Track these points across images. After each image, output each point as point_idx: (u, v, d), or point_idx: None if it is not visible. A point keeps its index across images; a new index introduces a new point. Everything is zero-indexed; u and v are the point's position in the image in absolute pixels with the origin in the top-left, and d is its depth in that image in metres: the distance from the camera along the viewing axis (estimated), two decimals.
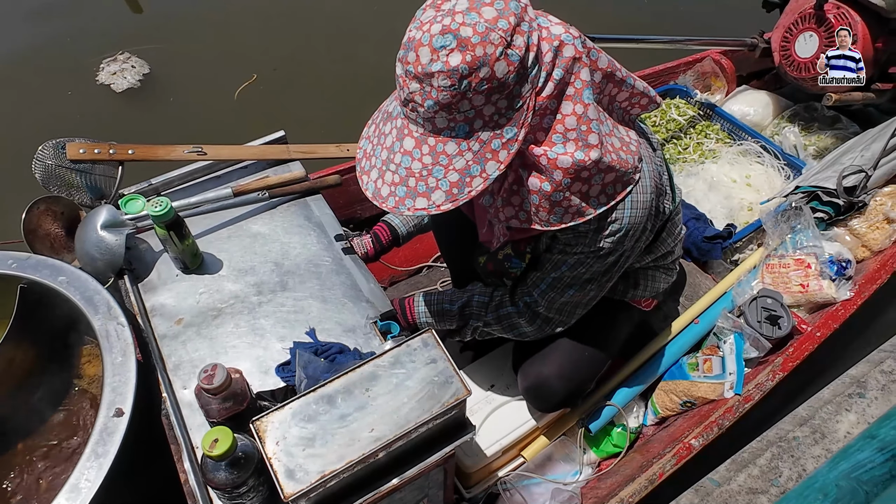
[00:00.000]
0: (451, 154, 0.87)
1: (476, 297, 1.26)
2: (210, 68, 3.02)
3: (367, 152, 0.96)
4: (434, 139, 0.87)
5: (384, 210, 0.97)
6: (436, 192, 0.89)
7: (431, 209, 0.89)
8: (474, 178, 0.89)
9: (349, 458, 0.86)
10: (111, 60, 3.00)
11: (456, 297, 1.27)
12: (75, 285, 1.13)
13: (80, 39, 3.14)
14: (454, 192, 0.89)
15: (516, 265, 1.20)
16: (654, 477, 1.34)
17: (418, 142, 0.88)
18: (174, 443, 1.02)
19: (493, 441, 1.42)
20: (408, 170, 0.89)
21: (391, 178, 0.90)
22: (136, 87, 2.91)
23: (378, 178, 0.92)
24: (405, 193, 0.90)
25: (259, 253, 1.31)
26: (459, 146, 0.87)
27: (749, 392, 1.47)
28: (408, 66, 0.83)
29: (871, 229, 1.83)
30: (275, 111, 2.82)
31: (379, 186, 0.92)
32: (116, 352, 1.05)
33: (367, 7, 3.37)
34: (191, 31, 3.22)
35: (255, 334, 1.17)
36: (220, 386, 0.90)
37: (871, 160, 1.84)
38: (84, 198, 1.31)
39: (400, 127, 0.90)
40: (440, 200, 0.89)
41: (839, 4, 1.87)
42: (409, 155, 0.89)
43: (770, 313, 1.57)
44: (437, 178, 0.88)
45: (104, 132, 2.64)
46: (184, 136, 2.58)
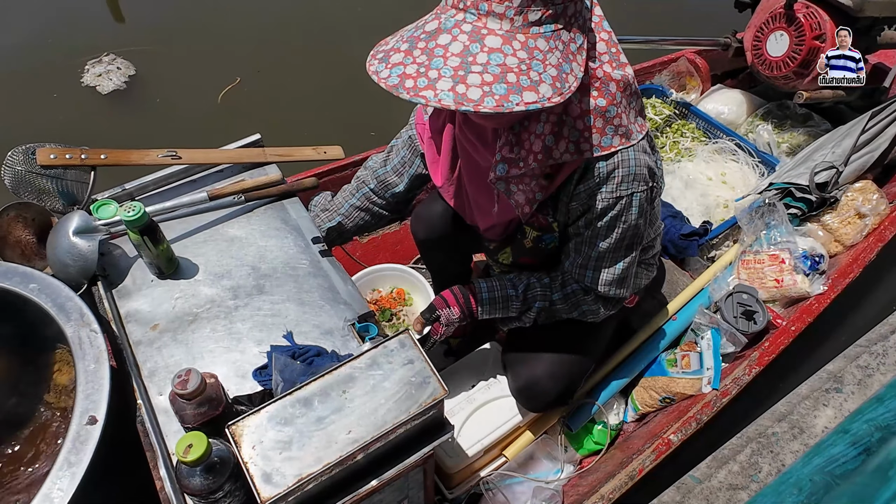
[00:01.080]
0: (544, 50, 0.85)
1: (535, 279, 1.24)
2: (196, 70, 3.02)
3: (410, 74, 0.84)
4: (523, 35, 0.84)
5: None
6: (542, 86, 0.84)
7: (543, 102, 0.84)
8: (568, 75, 0.87)
9: (326, 460, 0.86)
10: (96, 62, 2.97)
11: (517, 281, 1.24)
12: (47, 292, 1.11)
13: (64, 41, 3.12)
14: (558, 85, 0.86)
15: (550, 239, 1.20)
16: (633, 473, 1.35)
17: (506, 38, 0.84)
18: (149, 449, 1.01)
19: (475, 441, 1.42)
20: (502, 66, 0.83)
21: (477, 79, 0.82)
22: (123, 88, 2.89)
23: (454, 84, 0.82)
24: (506, 90, 0.82)
25: (235, 257, 1.30)
26: (548, 43, 0.85)
27: (726, 387, 1.49)
28: None
29: (843, 224, 1.87)
30: (259, 113, 2.82)
31: (462, 91, 0.82)
32: (90, 359, 1.03)
33: (350, 10, 3.37)
34: (176, 31, 3.21)
35: (231, 338, 1.16)
36: (194, 391, 0.89)
37: (842, 157, 1.88)
38: (56, 204, 1.29)
39: (471, 31, 0.84)
40: (549, 93, 0.84)
41: (808, 4, 1.91)
42: (499, 52, 0.83)
43: (745, 308, 1.59)
44: (538, 71, 0.84)
45: (90, 133, 2.67)
46: (170, 138, 2.61)
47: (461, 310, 1.26)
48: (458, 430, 1.42)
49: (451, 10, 0.87)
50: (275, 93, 2.93)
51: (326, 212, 1.46)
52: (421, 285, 1.40)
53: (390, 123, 1.48)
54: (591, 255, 1.14)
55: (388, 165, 1.42)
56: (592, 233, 1.10)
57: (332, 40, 3.19)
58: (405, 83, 0.84)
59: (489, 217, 1.23)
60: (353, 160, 1.86)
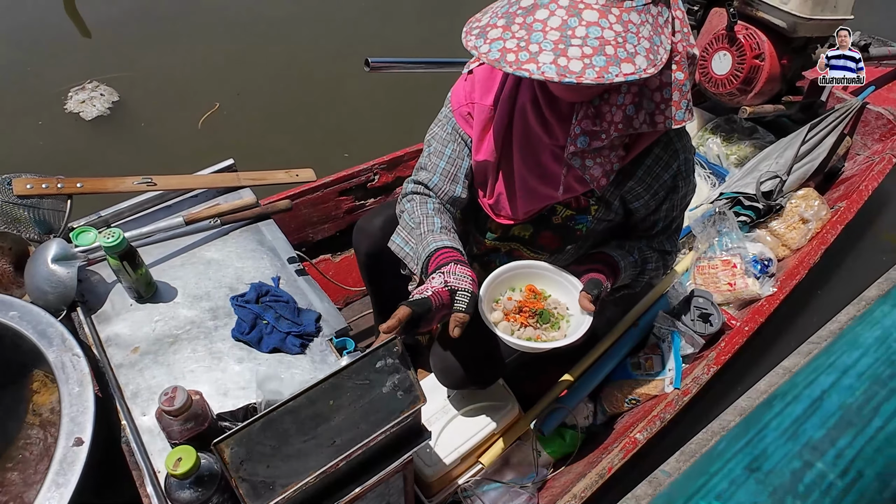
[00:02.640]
0: (637, 23, 0.88)
1: (641, 243, 1.28)
2: (178, 94, 3.07)
3: (511, 48, 0.87)
4: (618, 9, 0.87)
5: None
6: (637, 58, 0.87)
7: (640, 73, 0.87)
8: (658, 47, 0.90)
9: (312, 470, 0.89)
10: (79, 89, 3.00)
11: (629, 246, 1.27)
12: (27, 319, 1.13)
13: (44, 69, 3.15)
14: (651, 57, 0.88)
15: (582, 221, 1.23)
16: (603, 471, 1.42)
17: (602, 12, 0.86)
18: (136, 468, 1.04)
19: (452, 449, 1.47)
20: (600, 39, 0.86)
21: (577, 52, 0.85)
22: (106, 114, 2.92)
23: (556, 57, 0.85)
24: (605, 62, 0.85)
25: (213, 279, 1.34)
26: (640, 16, 0.88)
27: (687, 385, 1.58)
28: None
29: (788, 229, 1.99)
30: (238, 136, 2.89)
31: (564, 64, 0.84)
32: (73, 382, 1.05)
33: (329, 35, 3.48)
34: (159, 57, 3.26)
35: (212, 358, 1.20)
36: (180, 408, 0.92)
37: (785, 166, 2.01)
38: (32, 233, 1.31)
39: (568, 5, 0.86)
40: (644, 65, 0.87)
41: (747, 26, 2.05)
42: (597, 25, 0.86)
43: (702, 312, 1.69)
44: (633, 44, 0.87)
45: (73, 159, 2.70)
46: (153, 162, 2.68)
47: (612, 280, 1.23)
48: (435, 439, 1.46)
49: None
50: (253, 116, 3.01)
51: (421, 223, 1.23)
52: (544, 274, 1.24)
53: (366, 144, 1.46)
54: (672, 224, 1.26)
55: (436, 175, 1.27)
56: (669, 205, 1.20)
57: (310, 63, 3.29)
58: (507, 57, 0.86)
59: (536, 198, 1.22)
60: (323, 181, 1.91)
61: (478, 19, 0.95)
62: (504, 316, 1.19)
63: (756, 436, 0.40)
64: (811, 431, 0.39)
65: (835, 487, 0.36)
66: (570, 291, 1.24)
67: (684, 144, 1.13)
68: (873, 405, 0.40)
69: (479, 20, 0.94)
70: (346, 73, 3.06)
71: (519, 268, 1.26)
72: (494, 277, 1.23)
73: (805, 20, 1.94)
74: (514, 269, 1.26)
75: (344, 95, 3.06)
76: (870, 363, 0.42)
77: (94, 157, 2.75)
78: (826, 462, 0.38)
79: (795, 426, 0.40)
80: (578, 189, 1.16)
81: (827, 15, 1.97)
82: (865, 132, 2.39)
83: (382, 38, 3.48)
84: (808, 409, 0.40)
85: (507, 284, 1.27)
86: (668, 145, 1.11)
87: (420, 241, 1.20)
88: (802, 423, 0.40)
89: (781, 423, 0.40)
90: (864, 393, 0.41)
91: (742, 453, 0.39)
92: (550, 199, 1.20)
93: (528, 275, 1.27)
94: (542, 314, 1.22)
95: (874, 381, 0.41)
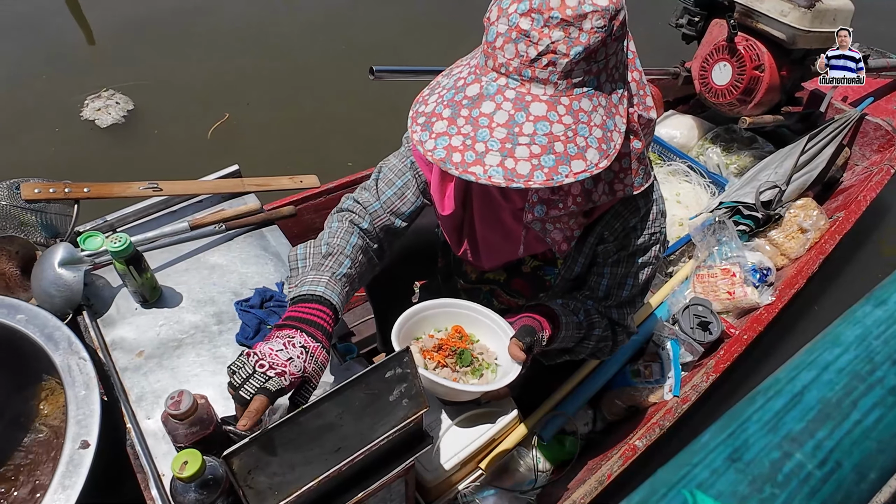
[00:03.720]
0: (588, 110, 0.83)
1: (589, 303, 1.17)
2: (192, 104, 3.13)
3: (457, 147, 0.82)
4: (567, 98, 0.82)
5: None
6: (589, 151, 0.82)
7: (591, 169, 0.82)
8: (612, 132, 0.85)
9: (316, 475, 0.90)
10: (95, 97, 3.07)
11: (574, 305, 1.15)
12: (34, 323, 1.14)
13: (60, 77, 3.22)
14: (604, 147, 0.83)
15: (551, 273, 1.19)
16: (602, 478, 1.43)
17: (550, 104, 0.81)
18: (140, 472, 1.05)
19: (452, 455, 1.47)
20: (549, 135, 0.80)
21: (525, 152, 0.80)
22: (121, 122, 2.98)
23: (503, 159, 0.80)
24: (555, 161, 0.80)
25: (217, 284, 1.35)
26: (591, 101, 0.83)
27: (686, 393, 1.59)
28: (550, 12, 0.77)
29: (787, 239, 2.01)
30: (247, 144, 2.95)
31: (511, 167, 0.80)
32: (79, 385, 1.06)
33: (335, 46, 3.55)
34: (173, 67, 3.33)
35: (216, 362, 1.21)
36: (186, 411, 0.94)
37: (784, 176, 2.03)
38: (39, 237, 1.33)
39: (514, 98, 0.81)
40: (596, 159, 0.82)
41: (747, 37, 2.07)
42: (545, 120, 0.81)
43: (701, 320, 1.70)
44: (584, 136, 0.82)
45: (87, 164, 2.76)
46: (164, 168, 2.73)
47: (550, 333, 1.10)
48: (436, 444, 1.47)
49: (492, 73, 0.84)
50: (260, 125, 3.07)
51: (330, 257, 1.10)
52: (474, 316, 1.14)
53: (369, 153, 1.48)
54: (622, 292, 1.15)
55: (378, 202, 1.20)
56: (625, 270, 1.13)
57: (315, 74, 3.36)
58: (452, 157, 0.82)
59: (499, 254, 1.19)
60: (327, 187, 1.93)
61: (424, 101, 0.89)
62: (421, 352, 1.12)
63: (738, 428, 0.41)
64: (791, 424, 0.41)
65: (813, 477, 0.38)
66: (501, 339, 1.12)
67: (649, 202, 1.07)
68: (852, 399, 0.42)
69: (426, 102, 0.89)
70: (352, 81, 3.12)
71: (447, 306, 1.16)
72: (415, 312, 1.13)
73: (804, 32, 1.96)
74: (440, 307, 1.15)
75: (349, 103, 3.12)
76: (850, 360, 0.44)
77: (106, 164, 2.80)
78: (805, 453, 0.39)
79: (776, 419, 0.41)
80: (540, 248, 1.13)
81: (826, 27, 2.00)
82: (864, 143, 2.41)
83: (389, 46, 3.54)
84: (788, 403, 0.42)
85: (431, 323, 1.16)
86: (629, 201, 1.06)
87: (315, 268, 1.08)
88: (783, 416, 0.41)
89: (763, 416, 0.41)
90: (843, 388, 0.42)
91: (724, 444, 0.41)
92: (513, 255, 1.17)
93: (456, 315, 1.16)
94: (462, 354, 1.12)
95: (853, 376, 0.43)
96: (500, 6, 0.82)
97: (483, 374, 1.13)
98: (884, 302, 0.47)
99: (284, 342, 0.95)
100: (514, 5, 0.79)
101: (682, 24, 2.32)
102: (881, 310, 0.46)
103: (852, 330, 0.46)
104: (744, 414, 0.42)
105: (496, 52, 0.82)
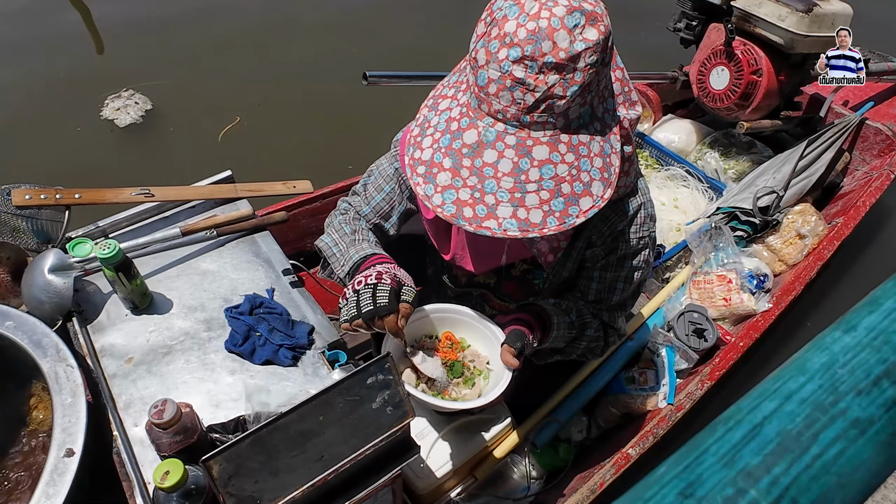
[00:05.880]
0: (587, 142, 0.83)
1: (581, 304, 1.17)
2: (211, 105, 3.20)
3: (466, 200, 0.82)
4: (566, 135, 0.82)
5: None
6: (594, 185, 0.83)
7: (598, 203, 0.83)
8: (610, 155, 0.85)
9: (299, 484, 0.90)
10: (115, 97, 3.14)
11: (566, 305, 1.15)
12: (23, 329, 1.14)
13: (81, 78, 3.30)
14: (605, 175, 0.84)
15: (540, 276, 1.19)
16: (595, 487, 1.42)
17: (551, 145, 0.81)
18: (126, 479, 1.04)
19: (444, 462, 1.47)
20: (555, 178, 0.81)
21: (534, 199, 0.81)
22: (139, 122, 3.06)
23: (514, 210, 0.81)
24: (564, 204, 0.81)
25: (208, 290, 1.35)
26: (588, 130, 0.83)
27: (680, 401, 1.58)
28: (543, 59, 0.76)
29: (785, 245, 1.99)
30: (255, 145, 3.00)
31: (524, 217, 0.81)
32: (66, 393, 1.06)
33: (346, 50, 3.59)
34: (191, 69, 3.41)
35: (205, 369, 1.21)
36: (170, 420, 0.93)
37: (782, 182, 2.01)
38: (30, 242, 1.33)
39: (516, 144, 0.81)
40: (600, 191, 0.83)
41: (745, 42, 2.06)
42: (549, 163, 0.81)
43: (696, 327, 1.69)
44: (586, 170, 0.83)
45: (104, 165, 2.84)
46: (175, 169, 2.77)
47: (540, 335, 1.11)
48: (428, 451, 1.46)
49: (488, 118, 0.82)
50: (268, 128, 3.12)
51: (356, 232, 1.20)
52: (465, 321, 1.13)
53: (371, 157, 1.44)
54: (613, 295, 1.15)
55: (368, 206, 1.24)
56: (614, 273, 1.13)
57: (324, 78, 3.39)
58: (463, 212, 0.82)
59: (487, 259, 1.19)
60: (321, 192, 1.92)
61: (418, 145, 0.88)
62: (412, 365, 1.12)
63: (694, 461, 0.40)
64: (748, 458, 0.40)
65: None
66: (493, 343, 1.12)
67: (637, 206, 1.07)
68: (812, 432, 0.41)
69: (421, 147, 0.87)
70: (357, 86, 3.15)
71: (437, 311, 1.15)
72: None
73: (802, 37, 1.95)
74: (431, 313, 1.14)
75: (354, 108, 3.14)
76: (813, 389, 0.43)
77: (121, 163, 2.87)
78: (759, 490, 0.38)
79: (733, 452, 0.41)
80: (527, 254, 1.13)
81: (824, 32, 1.98)
82: (864, 148, 2.40)
83: (392, 50, 3.58)
84: (747, 434, 0.41)
85: (423, 329, 1.16)
86: (617, 205, 1.06)
87: (352, 245, 1.14)
88: (740, 449, 0.41)
89: (720, 448, 0.41)
90: (804, 419, 0.42)
91: (678, 479, 0.40)
92: (512, 260, 1.17)
93: (447, 320, 1.16)
94: (453, 366, 1.12)
95: (816, 407, 0.42)
96: (489, 49, 0.80)
97: (475, 383, 1.13)
98: (853, 328, 0.46)
99: (364, 275, 1.01)
100: (505, 51, 0.78)
101: (681, 29, 2.31)
102: (850, 336, 0.46)
103: (819, 357, 0.45)
104: (702, 445, 0.42)
105: (490, 98, 0.81)
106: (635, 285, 1.17)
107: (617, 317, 1.21)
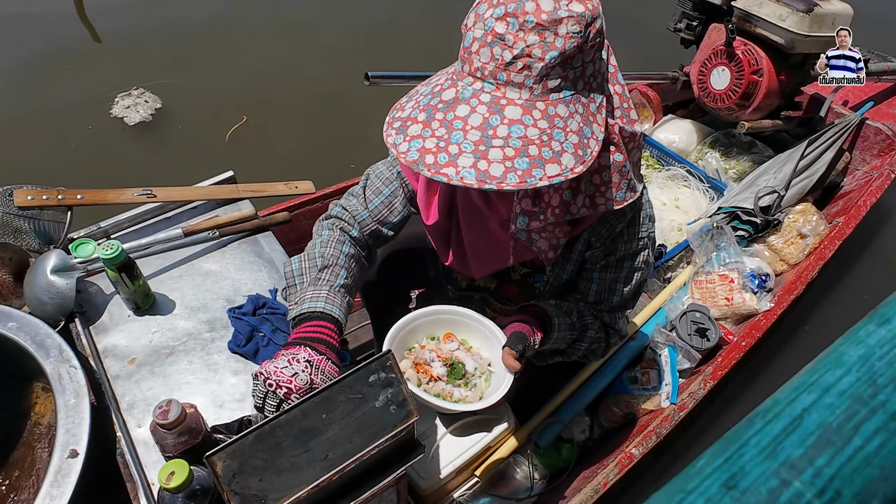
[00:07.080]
0: (564, 116, 0.82)
1: (582, 306, 1.17)
2: (219, 104, 3.20)
3: (430, 149, 0.82)
4: (543, 103, 0.81)
5: None
6: (564, 156, 0.81)
7: (566, 174, 0.81)
8: (589, 139, 0.85)
9: (305, 485, 0.90)
10: (125, 95, 3.14)
11: (566, 306, 1.15)
12: (25, 330, 1.14)
13: (90, 76, 3.29)
14: (580, 153, 0.83)
15: (540, 279, 1.19)
16: (598, 486, 1.42)
17: (525, 108, 0.81)
18: (130, 480, 1.04)
19: (447, 462, 1.46)
20: (523, 138, 0.80)
21: (498, 154, 0.80)
22: (149, 120, 3.05)
23: (476, 161, 0.80)
24: (529, 164, 0.80)
25: (211, 290, 1.35)
26: (568, 108, 0.83)
27: (683, 401, 1.58)
28: (525, 16, 0.77)
29: (786, 244, 1.99)
30: (261, 145, 3.00)
31: (484, 168, 0.79)
32: (69, 394, 1.06)
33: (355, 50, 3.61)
34: (202, 68, 3.41)
35: (208, 370, 1.20)
36: (174, 421, 0.93)
37: (783, 181, 2.01)
38: (32, 243, 1.32)
39: (490, 101, 0.81)
40: (571, 163, 0.82)
41: (746, 42, 2.06)
42: (520, 123, 0.80)
43: (699, 326, 1.69)
44: (559, 141, 0.81)
45: (113, 163, 2.83)
46: (182, 168, 2.75)
47: (541, 336, 1.10)
48: (431, 452, 1.46)
49: (468, 77, 0.84)
50: (276, 127, 3.12)
51: (326, 269, 1.11)
52: (467, 322, 1.13)
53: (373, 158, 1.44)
54: (613, 297, 1.16)
55: (366, 210, 1.21)
56: (614, 275, 1.13)
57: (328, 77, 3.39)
58: (425, 158, 0.81)
59: (487, 262, 1.19)
60: (323, 193, 1.92)
61: (402, 107, 0.90)
62: (414, 366, 1.11)
63: (735, 453, 0.40)
64: (790, 450, 0.40)
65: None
66: (494, 345, 1.12)
67: (636, 207, 1.07)
68: (853, 424, 0.40)
69: (402, 109, 0.89)
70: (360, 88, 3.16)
71: (438, 313, 1.15)
72: (407, 322, 1.12)
73: (803, 37, 1.95)
74: (432, 314, 1.15)
75: (356, 108, 3.14)
76: (851, 382, 0.43)
77: (129, 162, 2.87)
78: (803, 481, 0.38)
79: (774, 444, 0.40)
80: (529, 256, 1.13)
81: (825, 32, 1.99)
82: (864, 147, 2.40)
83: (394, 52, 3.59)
84: (787, 427, 0.41)
85: (425, 331, 1.16)
86: (632, 220, 1.08)
87: (312, 284, 1.09)
88: (782, 441, 0.40)
89: (761, 440, 0.40)
90: (844, 412, 0.41)
91: (720, 471, 0.40)
92: (502, 263, 1.17)
93: (449, 322, 1.16)
94: (454, 367, 1.11)
95: (855, 400, 0.42)
96: (477, 12, 0.83)
97: (476, 385, 1.13)
98: (888, 321, 0.46)
99: (289, 359, 0.97)
100: (490, 10, 0.80)
101: (681, 29, 2.31)
102: (885, 329, 0.46)
103: (855, 350, 0.45)
104: (741, 437, 0.41)
105: (472, 56, 0.83)
106: (635, 286, 1.17)
107: (618, 318, 1.21)
